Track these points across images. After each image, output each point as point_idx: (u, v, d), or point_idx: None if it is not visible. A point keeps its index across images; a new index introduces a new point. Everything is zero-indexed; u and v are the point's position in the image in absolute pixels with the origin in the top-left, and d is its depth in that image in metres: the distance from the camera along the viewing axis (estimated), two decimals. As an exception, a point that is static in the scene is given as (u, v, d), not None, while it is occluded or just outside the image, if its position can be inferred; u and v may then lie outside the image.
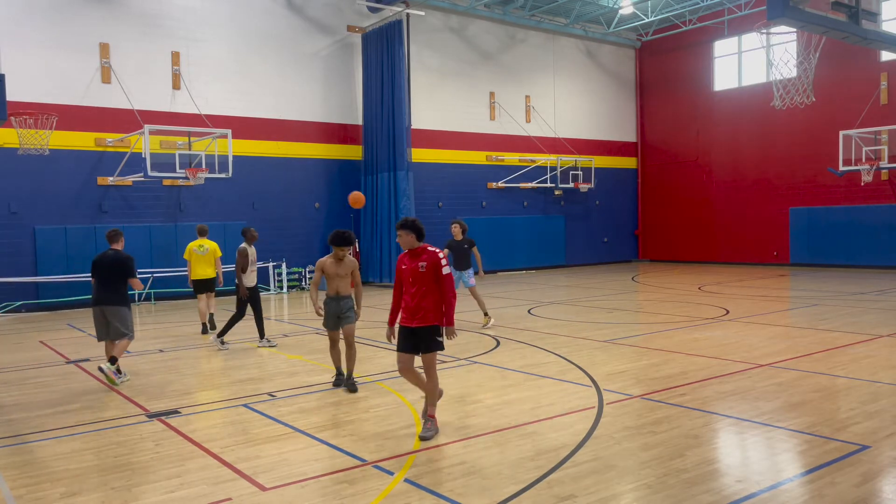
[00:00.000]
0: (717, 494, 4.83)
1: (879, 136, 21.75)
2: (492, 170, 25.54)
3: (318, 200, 21.99)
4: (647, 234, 30.32)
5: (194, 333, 13.04)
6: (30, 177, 17.20)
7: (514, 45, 26.22)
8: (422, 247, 6.47)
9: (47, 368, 10.03)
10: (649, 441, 5.99)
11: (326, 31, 22.04)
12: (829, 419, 6.51)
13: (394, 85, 21.30)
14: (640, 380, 8.30)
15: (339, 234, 8.07)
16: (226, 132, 17.41)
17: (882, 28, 9.54)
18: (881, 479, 5.12)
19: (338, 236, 8.05)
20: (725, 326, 12.14)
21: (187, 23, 19.45)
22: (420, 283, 6.34)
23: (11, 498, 5.10)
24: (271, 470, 5.54)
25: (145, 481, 5.37)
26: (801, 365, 8.87)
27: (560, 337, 11.47)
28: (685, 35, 27.52)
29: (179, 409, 7.50)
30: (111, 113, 18.25)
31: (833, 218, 24.02)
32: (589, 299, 16.90)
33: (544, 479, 5.16)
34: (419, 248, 6.46)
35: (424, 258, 6.37)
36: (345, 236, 8.07)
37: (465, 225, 13.45)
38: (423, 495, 4.96)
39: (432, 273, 6.33)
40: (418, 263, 6.35)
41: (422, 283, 6.33)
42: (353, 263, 8.24)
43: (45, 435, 6.70)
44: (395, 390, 8.07)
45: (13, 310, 16.83)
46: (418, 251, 6.45)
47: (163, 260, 18.84)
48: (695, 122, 28.14)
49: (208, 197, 19.66)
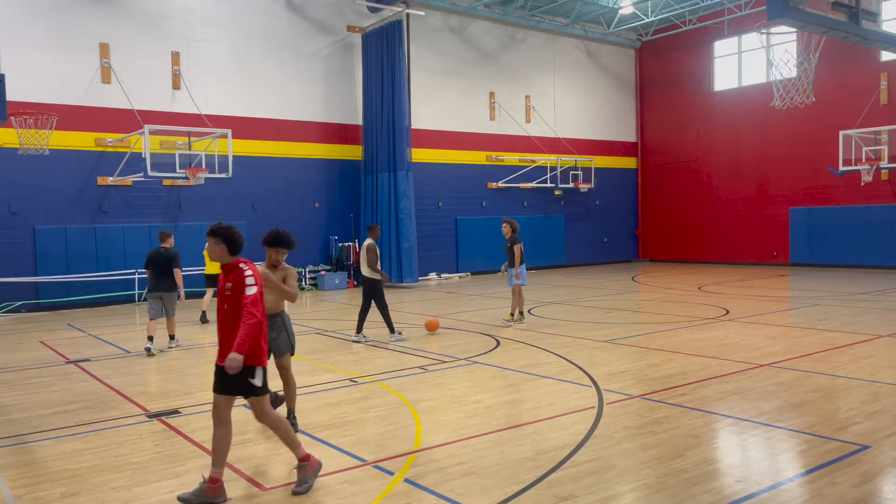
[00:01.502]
0: (717, 494, 4.83)
1: (879, 136, 21.74)
2: (492, 170, 25.55)
3: (318, 200, 21.99)
4: (647, 234, 30.32)
5: (194, 333, 13.05)
6: (30, 177, 17.20)
7: (514, 45, 26.22)
8: (234, 262, 5.03)
9: (47, 368, 10.02)
10: (649, 441, 5.99)
11: (326, 31, 22.05)
12: (829, 419, 6.51)
13: (394, 85, 21.30)
14: (640, 380, 8.30)
15: (277, 233, 6.35)
16: (226, 132, 17.41)
17: (882, 28, 9.54)
18: (881, 479, 5.12)
19: (277, 236, 6.32)
20: (725, 326, 12.14)
21: (187, 23, 19.46)
22: (225, 310, 4.99)
23: (11, 498, 5.10)
24: (271, 470, 5.54)
25: (145, 481, 5.37)
26: (801, 365, 8.86)
27: (560, 337, 11.46)
28: (685, 35, 27.52)
29: (179, 409, 7.50)
30: (111, 113, 18.25)
31: (833, 218, 24.01)
32: (589, 299, 16.90)
33: (544, 479, 5.16)
34: (231, 262, 5.03)
35: (231, 277, 4.97)
36: (284, 236, 6.34)
37: (513, 224, 13.24)
38: (423, 495, 4.96)
39: (236, 297, 4.92)
40: (226, 284, 4.98)
41: (227, 310, 4.98)
42: (290, 272, 6.37)
43: (45, 435, 6.70)
44: (394, 390, 8.07)
45: (13, 310, 16.83)
46: (230, 267, 5.02)
47: (163, 260, 18.83)
48: (695, 123, 28.14)
49: (208, 197, 19.66)
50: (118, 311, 16.92)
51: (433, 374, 8.94)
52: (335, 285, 21.36)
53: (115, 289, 18.14)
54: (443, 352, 10.38)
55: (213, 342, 11.35)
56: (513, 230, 13.21)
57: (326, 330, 12.97)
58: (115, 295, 18.10)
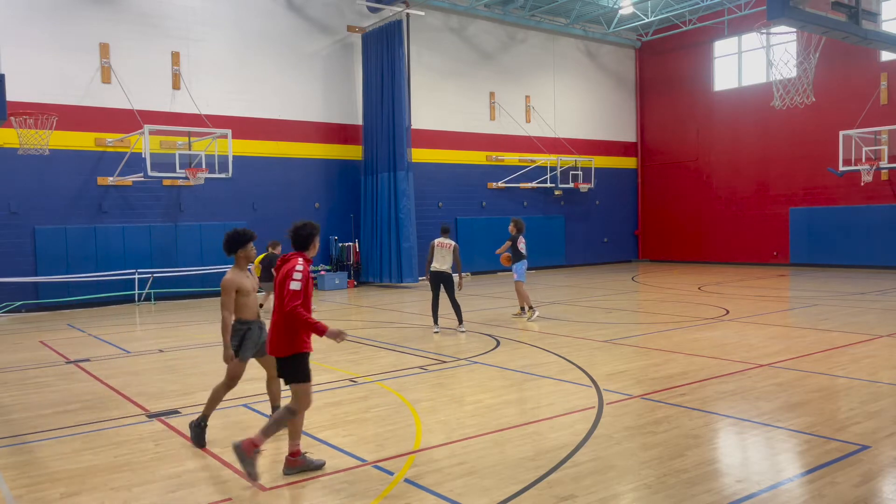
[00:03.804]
0: (717, 494, 4.83)
1: (879, 136, 21.74)
2: (492, 170, 25.54)
3: (318, 200, 21.99)
4: (647, 234, 30.31)
5: (194, 333, 13.05)
6: (30, 177, 17.20)
7: (514, 45, 26.22)
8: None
9: (47, 368, 10.02)
10: (649, 441, 5.99)
11: (326, 31, 22.04)
12: (829, 419, 6.51)
13: (394, 85, 21.29)
14: (640, 380, 8.30)
15: (243, 232, 6.26)
16: (226, 132, 17.41)
17: (882, 28, 9.52)
18: (881, 479, 5.12)
19: (241, 236, 6.23)
20: (725, 326, 12.14)
21: (187, 23, 19.45)
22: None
23: (11, 498, 5.10)
24: (271, 470, 5.54)
25: (145, 481, 5.37)
26: (801, 365, 8.87)
27: (560, 337, 11.46)
28: (685, 35, 27.52)
29: (179, 409, 7.49)
30: (111, 113, 18.25)
31: (833, 218, 24.01)
32: (589, 299, 16.90)
33: (544, 479, 5.16)
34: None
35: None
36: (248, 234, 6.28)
37: (518, 223, 13.94)
38: (423, 495, 4.96)
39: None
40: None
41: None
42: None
43: (45, 435, 6.70)
44: (394, 390, 8.07)
45: (13, 310, 16.83)
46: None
47: (163, 260, 18.85)
48: (695, 122, 28.14)
49: (208, 197, 19.66)
50: (118, 311, 16.92)
51: (433, 374, 8.94)
52: (335, 285, 21.36)
53: (115, 289, 18.14)
54: (443, 352, 10.38)
55: (214, 342, 11.36)
56: (517, 229, 13.82)
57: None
58: (115, 295, 18.10)
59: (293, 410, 5.36)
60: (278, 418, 5.42)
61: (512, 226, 13.91)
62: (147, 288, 18.41)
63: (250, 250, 6.29)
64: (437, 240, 12.36)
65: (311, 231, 5.55)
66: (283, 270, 5.41)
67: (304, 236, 5.51)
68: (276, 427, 5.39)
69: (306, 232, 5.52)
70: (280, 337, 5.32)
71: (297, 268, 5.31)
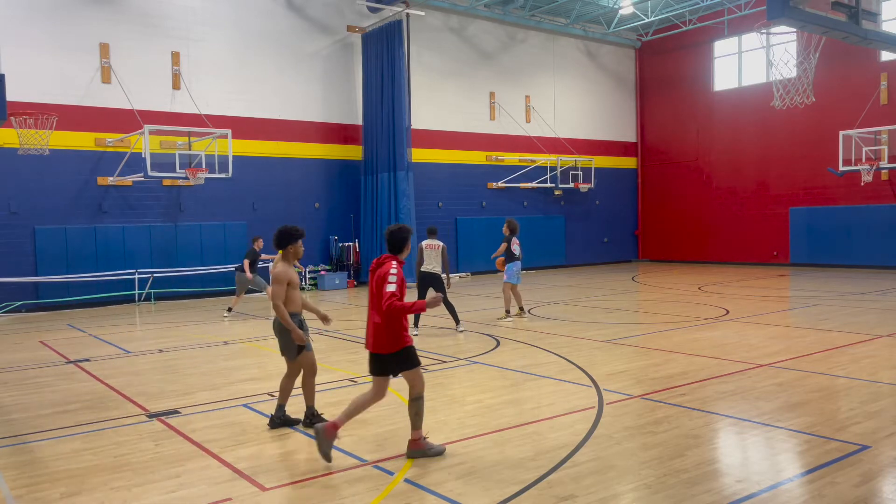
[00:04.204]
0: (717, 494, 4.83)
1: (879, 136, 21.75)
2: (492, 170, 25.55)
3: (318, 200, 21.99)
4: (647, 234, 30.32)
5: (194, 333, 13.05)
6: (30, 177, 17.20)
7: (514, 45, 26.22)
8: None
9: (47, 368, 10.02)
10: (649, 441, 5.99)
11: (326, 31, 22.04)
12: (829, 419, 6.51)
13: (394, 85, 21.30)
14: (640, 380, 8.30)
15: (295, 229, 6.67)
16: (226, 132, 17.41)
17: (882, 28, 9.52)
18: (881, 479, 5.12)
19: (292, 232, 6.63)
20: (725, 326, 12.14)
21: (187, 23, 19.46)
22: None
23: (11, 498, 5.10)
24: (271, 470, 5.54)
25: (145, 481, 5.37)
26: (801, 365, 8.86)
27: (560, 337, 11.46)
28: (685, 35, 27.52)
29: (179, 409, 7.49)
30: (111, 113, 18.25)
31: (833, 218, 24.01)
32: (589, 299, 16.90)
33: (544, 479, 5.16)
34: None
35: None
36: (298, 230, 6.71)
37: (511, 224, 13.90)
38: (423, 495, 4.96)
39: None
40: None
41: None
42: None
43: (45, 435, 6.70)
44: (394, 390, 8.06)
45: (13, 310, 16.83)
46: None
47: (163, 260, 18.86)
48: (694, 122, 28.14)
49: (208, 197, 19.66)
50: (118, 311, 16.92)
51: (433, 374, 8.94)
52: (335, 285, 21.36)
53: (115, 289, 18.14)
54: (443, 352, 10.37)
55: (214, 342, 11.36)
56: (510, 230, 13.75)
57: (326, 330, 12.96)
58: (115, 295, 18.10)
59: (419, 395, 5.73)
60: (417, 411, 5.71)
61: (505, 227, 13.88)
62: (147, 288, 18.42)
63: (299, 247, 6.65)
64: (425, 241, 12.32)
65: (405, 235, 5.92)
66: (379, 273, 5.74)
67: (399, 239, 5.89)
68: (419, 418, 5.72)
69: (401, 236, 5.90)
70: (384, 336, 5.67)
71: (392, 271, 5.68)
